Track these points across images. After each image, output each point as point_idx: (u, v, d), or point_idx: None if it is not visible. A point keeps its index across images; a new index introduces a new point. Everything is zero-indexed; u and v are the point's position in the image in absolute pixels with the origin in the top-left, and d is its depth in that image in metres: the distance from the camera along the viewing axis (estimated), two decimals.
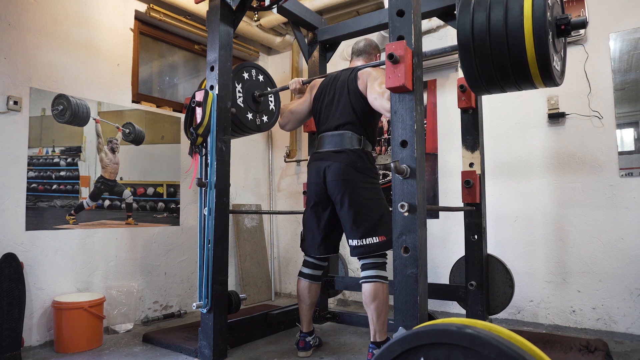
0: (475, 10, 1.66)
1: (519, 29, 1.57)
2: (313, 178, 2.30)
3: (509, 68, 1.66)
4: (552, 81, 1.68)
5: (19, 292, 2.38)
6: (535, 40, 1.56)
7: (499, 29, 1.61)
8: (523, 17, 1.56)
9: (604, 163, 2.74)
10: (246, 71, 2.82)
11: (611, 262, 2.69)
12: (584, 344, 2.22)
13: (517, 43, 1.59)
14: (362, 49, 2.50)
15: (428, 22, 3.35)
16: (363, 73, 2.27)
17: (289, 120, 2.56)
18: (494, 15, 1.62)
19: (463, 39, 1.68)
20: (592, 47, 2.81)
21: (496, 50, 1.63)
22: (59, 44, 2.78)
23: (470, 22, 1.66)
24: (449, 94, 3.32)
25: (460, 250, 2.60)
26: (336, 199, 2.21)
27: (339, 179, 2.17)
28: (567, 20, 1.66)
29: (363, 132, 2.26)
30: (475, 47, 1.66)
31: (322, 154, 2.29)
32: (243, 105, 2.75)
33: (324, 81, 2.46)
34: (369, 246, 2.12)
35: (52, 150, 2.73)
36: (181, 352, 2.43)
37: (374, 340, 2.13)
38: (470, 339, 0.93)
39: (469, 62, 1.71)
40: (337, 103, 2.31)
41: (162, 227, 3.30)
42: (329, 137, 2.29)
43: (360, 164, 2.19)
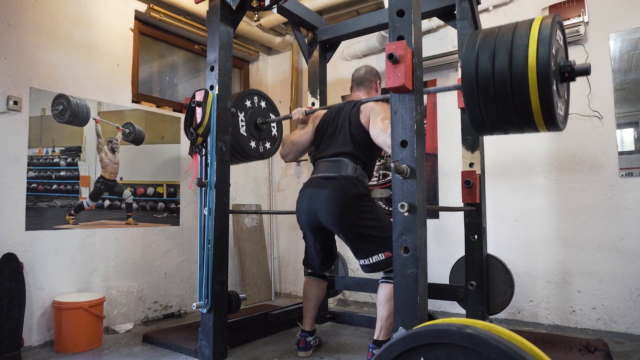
0: (479, 55, 1.67)
1: (523, 78, 1.58)
2: (304, 206, 2.26)
3: (513, 115, 1.68)
4: (556, 127, 1.69)
5: (19, 292, 2.38)
6: (540, 91, 1.56)
7: (504, 77, 1.62)
8: (527, 67, 1.56)
9: (604, 163, 2.74)
10: (248, 99, 2.82)
11: (611, 262, 2.69)
12: (584, 344, 2.22)
13: (521, 92, 1.60)
14: (362, 77, 2.50)
15: (428, 22, 3.35)
16: (366, 107, 2.27)
17: (290, 151, 2.54)
18: (498, 62, 1.63)
19: (467, 83, 1.70)
20: (592, 47, 2.81)
21: (500, 98, 1.65)
22: (59, 44, 2.78)
23: (474, 67, 1.67)
24: (449, 94, 3.32)
25: (460, 250, 2.59)
26: (332, 229, 2.22)
27: (331, 209, 2.13)
28: (570, 67, 1.68)
29: (360, 162, 2.24)
30: (480, 93, 1.68)
31: (314, 180, 2.27)
32: (246, 134, 2.76)
33: (327, 113, 2.46)
34: (376, 264, 2.15)
35: (52, 150, 2.73)
36: (181, 352, 2.43)
37: (376, 338, 2.14)
38: (470, 339, 0.93)
39: (473, 106, 1.72)
40: (338, 134, 2.31)
41: (162, 227, 3.30)
42: (324, 163, 2.28)
43: (354, 190, 2.15)
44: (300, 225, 2.36)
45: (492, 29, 1.76)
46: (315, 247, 2.39)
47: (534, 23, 1.64)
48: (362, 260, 2.18)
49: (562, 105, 1.78)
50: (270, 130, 2.97)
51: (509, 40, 1.64)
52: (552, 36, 1.59)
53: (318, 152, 2.38)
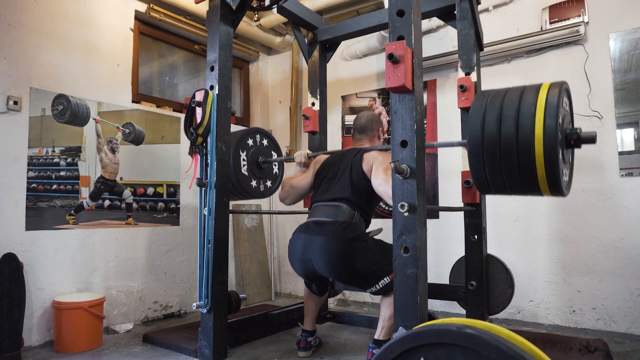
0: (486, 119, 1.68)
1: (529, 147, 1.58)
2: (298, 253, 2.21)
3: (518, 181, 1.69)
4: (561, 193, 1.69)
5: (19, 292, 2.38)
6: (546, 161, 1.57)
7: (510, 144, 1.62)
8: (534, 137, 1.57)
9: (604, 163, 2.74)
10: (250, 137, 2.83)
11: (611, 262, 2.69)
12: (584, 344, 2.22)
13: (527, 160, 1.60)
14: (364, 126, 2.48)
15: (428, 22, 3.35)
16: (370, 155, 2.25)
17: (289, 194, 2.52)
18: (505, 129, 1.63)
19: (473, 146, 1.70)
20: (592, 47, 2.81)
21: (506, 164, 1.66)
22: (59, 44, 2.78)
23: (480, 131, 1.68)
24: (449, 94, 3.32)
25: (460, 250, 2.59)
26: (329, 277, 2.22)
27: (327, 258, 2.08)
28: (576, 135, 1.68)
29: (358, 209, 2.20)
30: (485, 157, 1.69)
31: (309, 226, 2.21)
32: (247, 173, 2.77)
33: (329, 158, 2.44)
34: (382, 289, 2.14)
35: (52, 150, 2.73)
36: (181, 352, 2.43)
37: (377, 338, 2.15)
38: (470, 339, 0.93)
39: (479, 171, 1.73)
40: (338, 179, 2.28)
41: (162, 227, 3.30)
42: (321, 207, 2.25)
43: (350, 234, 2.09)
44: (293, 269, 2.32)
45: (499, 92, 1.75)
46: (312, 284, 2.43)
47: (541, 91, 1.63)
48: (369, 289, 2.17)
49: (567, 170, 1.78)
50: (272, 169, 2.98)
51: (515, 106, 1.63)
52: (559, 105, 1.59)
53: (316, 196, 2.34)
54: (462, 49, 2.48)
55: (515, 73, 3.07)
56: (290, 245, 2.29)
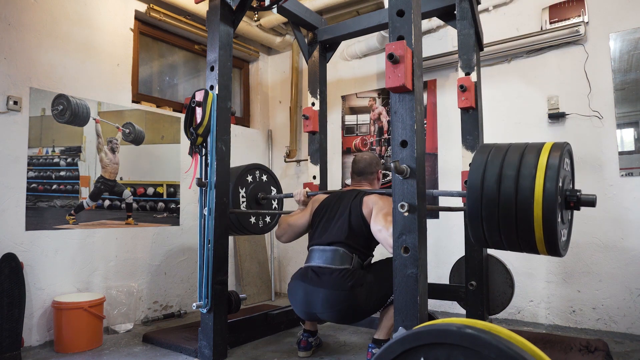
0: (485, 176, 1.67)
1: (528, 209, 1.58)
2: (300, 305, 2.18)
3: (515, 240, 1.68)
4: (557, 254, 1.69)
5: (19, 292, 2.38)
6: (545, 224, 1.57)
7: (509, 204, 1.62)
8: (534, 199, 1.57)
9: (604, 163, 2.74)
10: (250, 174, 2.84)
11: (611, 262, 2.69)
12: (584, 344, 2.22)
13: (525, 221, 1.60)
14: (363, 170, 2.46)
15: (428, 22, 3.35)
16: (369, 199, 2.23)
17: (285, 232, 2.49)
18: (504, 189, 1.63)
19: (472, 202, 1.70)
20: (592, 47, 2.81)
21: (504, 224, 1.65)
22: (59, 44, 2.78)
23: (479, 189, 1.67)
24: (449, 94, 3.32)
25: (460, 250, 2.59)
26: (337, 322, 2.22)
27: (333, 309, 2.07)
28: (577, 198, 1.68)
29: (356, 251, 2.18)
30: (484, 216, 1.68)
31: (307, 275, 2.18)
32: (246, 209, 2.77)
33: (328, 198, 2.42)
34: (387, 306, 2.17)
35: (52, 150, 2.73)
36: (181, 352, 2.43)
37: (377, 337, 2.15)
38: (470, 339, 0.93)
39: (477, 227, 1.73)
40: (336, 221, 2.26)
41: (162, 227, 3.30)
42: (319, 252, 2.22)
43: (350, 282, 2.07)
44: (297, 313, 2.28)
45: (500, 148, 1.74)
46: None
47: (542, 152, 1.63)
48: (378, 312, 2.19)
49: (565, 231, 1.78)
50: (271, 204, 2.98)
51: (516, 166, 1.63)
52: (560, 167, 1.58)
53: (313, 238, 2.32)
54: (462, 49, 2.48)
55: (515, 73, 3.07)
56: (290, 293, 2.26)
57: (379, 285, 2.13)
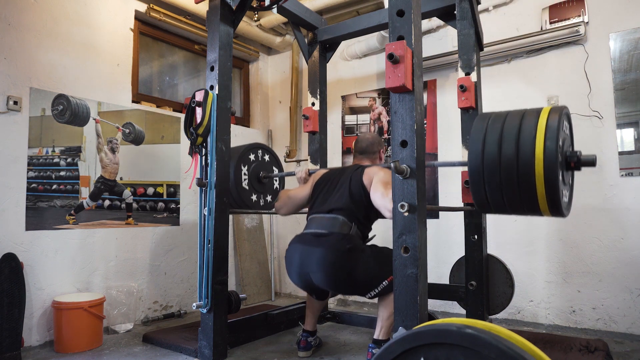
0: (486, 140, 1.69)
1: (529, 168, 1.60)
2: (296, 266, 2.18)
3: (519, 201, 1.69)
4: (560, 214, 1.70)
5: (19, 292, 2.38)
6: (546, 182, 1.58)
7: (510, 165, 1.63)
8: (535, 158, 1.58)
9: (604, 163, 2.74)
10: (252, 153, 2.84)
11: (611, 262, 2.69)
12: (584, 344, 2.22)
13: (527, 181, 1.61)
14: (365, 149, 2.46)
15: (428, 22, 3.35)
16: (371, 170, 2.24)
17: (285, 204, 2.50)
18: (505, 151, 1.64)
19: (474, 167, 1.71)
20: (592, 47, 2.81)
21: (506, 185, 1.66)
22: (59, 44, 2.78)
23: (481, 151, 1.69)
24: (449, 94, 3.32)
25: (460, 250, 2.59)
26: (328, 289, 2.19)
27: (325, 270, 2.06)
28: (576, 158, 1.70)
29: (356, 221, 2.17)
30: (486, 179, 1.69)
31: (305, 237, 2.20)
32: (248, 187, 2.78)
33: (329, 172, 2.44)
34: (381, 292, 2.14)
35: (52, 150, 2.73)
36: (181, 352, 2.43)
37: (376, 338, 2.15)
38: (470, 339, 0.93)
39: (479, 191, 1.74)
40: (337, 191, 2.26)
41: (162, 227, 3.30)
42: (318, 219, 2.23)
43: (347, 245, 2.07)
44: (291, 280, 2.29)
45: (500, 114, 1.77)
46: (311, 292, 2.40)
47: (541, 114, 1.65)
48: (368, 294, 2.16)
49: (567, 192, 1.79)
50: (273, 184, 2.99)
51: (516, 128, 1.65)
52: (560, 128, 1.60)
53: (313, 208, 2.32)
54: (462, 49, 2.48)
55: (515, 73, 3.07)
56: (286, 256, 2.26)
57: (377, 262, 2.12)
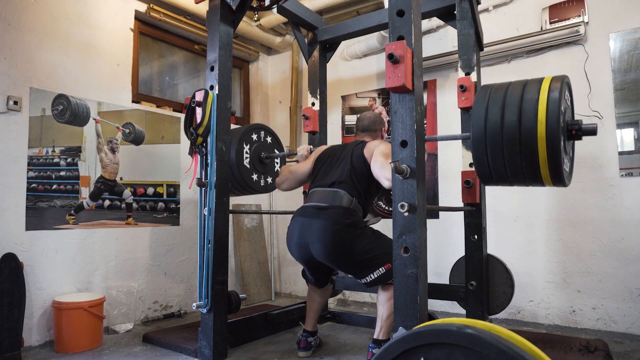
0: (489, 107, 1.70)
1: (532, 132, 1.60)
2: (295, 237, 2.20)
3: (521, 168, 1.70)
4: (562, 182, 1.71)
5: (19, 292, 2.38)
6: (548, 146, 1.59)
7: (513, 130, 1.64)
8: (537, 122, 1.59)
9: (604, 163, 2.74)
10: (255, 133, 2.85)
11: (611, 262, 2.69)
12: (584, 344, 2.22)
13: (529, 145, 1.62)
14: (367, 127, 2.47)
15: (428, 22, 3.35)
16: (372, 144, 2.26)
17: (286, 179, 2.50)
18: (508, 116, 1.65)
19: (477, 134, 1.72)
20: (592, 47, 2.81)
21: (509, 150, 1.67)
22: (59, 44, 2.78)
23: (484, 119, 1.70)
24: (449, 94, 3.32)
25: (460, 250, 2.59)
26: (325, 262, 2.18)
27: (324, 242, 2.08)
28: (578, 126, 1.71)
29: (357, 195, 2.18)
30: (488, 144, 1.70)
31: (306, 210, 2.21)
32: (249, 166, 2.78)
33: (330, 148, 2.45)
34: (378, 279, 2.14)
35: (52, 150, 2.73)
36: (181, 352, 2.43)
37: (376, 338, 2.14)
38: (470, 339, 0.93)
39: (481, 157, 1.75)
40: (338, 165, 2.28)
41: (162, 227, 3.30)
42: (319, 192, 2.23)
43: (347, 219, 2.09)
44: (291, 252, 2.30)
45: (502, 84, 1.78)
46: (312, 271, 2.39)
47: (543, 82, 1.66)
48: (363, 279, 2.15)
49: (568, 162, 1.80)
50: (274, 166, 2.99)
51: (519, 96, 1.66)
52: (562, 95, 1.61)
53: (315, 181, 2.33)
54: (462, 49, 2.48)
55: (515, 73, 3.07)
56: (288, 230, 2.28)
57: (377, 245, 2.13)
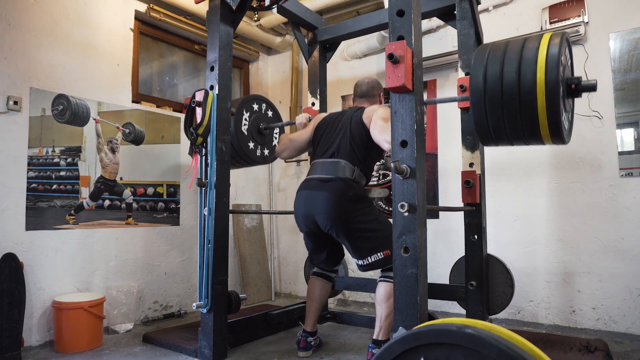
0: (488, 64, 1.69)
1: (531, 87, 1.59)
2: (301, 209, 2.25)
3: (520, 125, 1.68)
4: (561, 139, 1.70)
5: (19, 292, 2.38)
6: (548, 100, 1.57)
7: (512, 85, 1.63)
8: (536, 76, 1.58)
9: (604, 163, 2.74)
10: (256, 103, 2.85)
11: (611, 262, 2.69)
12: (584, 344, 2.22)
13: (529, 101, 1.61)
14: (365, 92, 2.47)
15: (428, 22, 3.35)
16: (370, 109, 2.27)
17: (286, 147, 2.51)
18: (507, 71, 1.64)
19: (475, 90, 1.71)
20: (592, 47, 2.80)
21: (508, 106, 1.66)
22: (59, 44, 2.78)
23: (483, 75, 1.68)
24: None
25: (460, 250, 2.59)
26: (330, 231, 2.19)
27: (329, 212, 2.12)
28: (578, 81, 1.69)
29: (358, 163, 2.21)
30: (487, 101, 1.69)
31: (311, 182, 2.24)
32: (247, 133, 2.77)
33: (329, 115, 2.46)
34: (374, 263, 2.15)
35: (52, 150, 2.73)
36: (181, 352, 2.43)
37: (375, 338, 2.14)
38: (470, 339, 0.93)
39: (480, 114, 1.73)
40: (337, 133, 2.29)
41: (162, 227, 3.30)
42: (321, 164, 2.26)
43: (351, 192, 2.14)
44: (299, 226, 2.35)
45: (501, 42, 1.78)
46: (319, 248, 2.40)
47: (543, 38, 1.66)
48: (361, 260, 2.17)
49: (568, 119, 1.79)
50: (272, 139, 2.99)
51: (518, 53, 1.65)
52: (561, 51, 1.60)
53: (316, 152, 2.36)
54: (462, 49, 2.48)
55: None
56: (295, 203, 2.32)
57: (381, 225, 2.17)
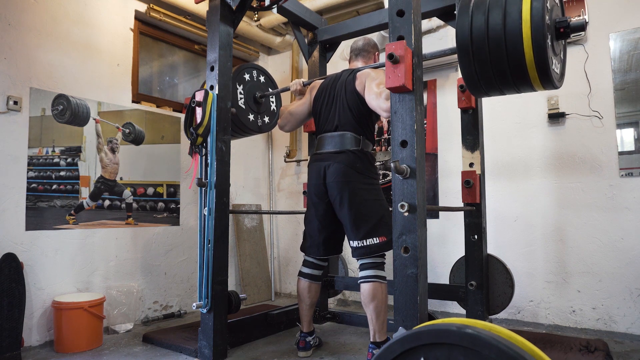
0: (474, 13, 1.66)
1: (517, 32, 1.57)
2: (313, 179, 2.31)
3: (508, 71, 1.66)
4: (551, 84, 1.67)
5: (19, 292, 2.38)
6: (534, 44, 1.55)
7: (498, 32, 1.61)
8: (521, 20, 1.56)
9: (604, 163, 2.74)
10: (247, 72, 2.83)
11: (611, 262, 2.69)
12: (584, 344, 2.22)
13: (515, 46, 1.58)
14: (360, 48, 2.50)
15: (428, 22, 3.35)
16: (362, 74, 2.28)
17: (287, 121, 2.55)
18: (492, 18, 1.62)
19: (461, 41, 1.68)
20: (592, 47, 2.81)
21: (495, 54, 1.63)
22: (59, 44, 2.78)
23: (469, 24, 1.66)
24: (449, 94, 3.32)
25: (460, 250, 2.60)
26: (335, 200, 2.22)
27: (338, 180, 2.18)
28: (566, 22, 1.66)
29: (362, 132, 2.27)
30: (474, 50, 1.66)
31: (322, 155, 2.30)
32: (244, 106, 2.76)
33: (324, 82, 2.46)
34: (369, 247, 2.14)
35: (52, 150, 2.73)
36: (181, 352, 2.43)
37: (373, 340, 2.13)
38: (470, 339, 0.93)
39: (468, 65, 1.70)
40: (335, 103, 2.33)
41: (162, 227, 3.30)
42: (328, 138, 2.31)
43: (359, 164, 2.20)
44: (308, 198, 2.39)
45: None
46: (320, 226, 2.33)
47: None
48: (357, 241, 2.15)
49: (558, 63, 1.76)
50: (269, 105, 2.99)
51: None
52: None
53: (319, 127, 2.40)
54: None
55: None
56: (308, 175, 2.37)
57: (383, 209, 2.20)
